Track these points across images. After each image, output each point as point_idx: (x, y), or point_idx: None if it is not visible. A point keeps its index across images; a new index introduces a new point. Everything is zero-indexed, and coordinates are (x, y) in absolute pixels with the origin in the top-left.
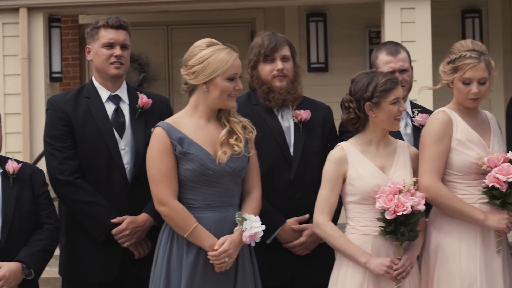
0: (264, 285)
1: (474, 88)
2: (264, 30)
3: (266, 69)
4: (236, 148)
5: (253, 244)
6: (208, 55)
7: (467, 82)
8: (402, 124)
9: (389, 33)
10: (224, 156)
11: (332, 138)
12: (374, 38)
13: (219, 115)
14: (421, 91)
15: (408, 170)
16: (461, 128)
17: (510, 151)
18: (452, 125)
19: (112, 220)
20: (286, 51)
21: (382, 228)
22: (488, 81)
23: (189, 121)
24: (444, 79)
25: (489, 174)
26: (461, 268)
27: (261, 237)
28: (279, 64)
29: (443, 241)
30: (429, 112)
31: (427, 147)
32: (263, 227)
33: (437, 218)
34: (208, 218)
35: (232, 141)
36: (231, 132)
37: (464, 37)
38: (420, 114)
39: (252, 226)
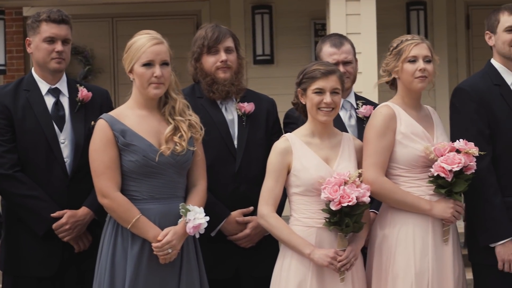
0: (209, 278)
1: (421, 64)
2: (210, 22)
3: (209, 61)
4: (178, 147)
5: (197, 236)
6: (130, 44)
7: (413, 60)
8: (346, 116)
9: (334, 25)
10: (168, 151)
11: (276, 130)
12: (319, 30)
13: (162, 110)
14: (375, 87)
15: (352, 162)
16: (405, 122)
17: (457, 141)
18: (396, 119)
19: (52, 214)
20: (229, 43)
21: (327, 219)
22: (433, 63)
23: (131, 112)
24: (390, 68)
25: (435, 163)
26: (415, 260)
27: (205, 229)
28: (222, 56)
29: (397, 235)
30: (373, 104)
31: (370, 142)
32: (207, 218)
33: (389, 211)
34: (152, 210)
35: (176, 138)
36: (176, 129)
37: (409, 29)
38: (364, 106)
39: (196, 218)
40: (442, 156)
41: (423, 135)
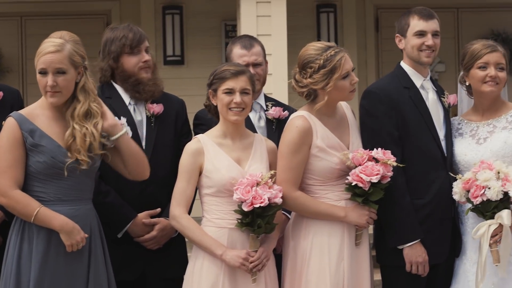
0: (116, 279)
1: (355, 77)
2: (120, 22)
3: (132, 61)
4: (79, 159)
5: None
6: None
7: (347, 75)
8: (255, 117)
9: (245, 26)
10: (74, 159)
11: (185, 131)
12: (230, 32)
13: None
14: (296, 99)
15: (264, 164)
16: (321, 135)
17: (374, 149)
18: (312, 133)
19: None
20: (148, 43)
21: (239, 220)
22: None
23: (42, 112)
24: (319, 87)
25: (353, 171)
26: (330, 264)
27: (112, 231)
28: (145, 56)
29: (312, 238)
30: (283, 105)
31: (284, 157)
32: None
33: (305, 216)
34: (59, 212)
35: (75, 146)
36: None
37: (319, 31)
38: (273, 108)
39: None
40: (360, 165)
41: (339, 147)
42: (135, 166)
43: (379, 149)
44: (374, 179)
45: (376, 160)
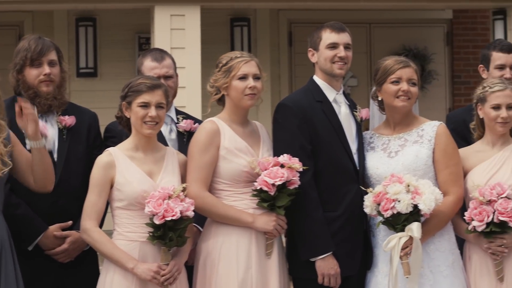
0: None
1: (251, 82)
2: (33, 33)
3: (32, 74)
4: None
5: None
6: None
7: (242, 77)
8: (166, 130)
9: (159, 39)
10: None
11: (98, 144)
12: (144, 44)
13: None
14: (209, 105)
15: (176, 177)
16: (229, 137)
17: (281, 155)
18: (220, 135)
19: None
20: (53, 56)
21: (150, 234)
22: (261, 80)
23: None
24: (219, 84)
25: (259, 177)
26: (238, 272)
27: (23, 244)
28: (46, 69)
29: (220, 247)
30: (193, 118)
31: (193, 157)
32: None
33: (213, 224)
34: None
35: None
36: None
37: (232, 45)
38: (184, 120)
39: None
40: (266, 170)
41: (247, 150)
42: (42, 177)
43: (285, 155)
44: (278, 182)
45: (282, 166)
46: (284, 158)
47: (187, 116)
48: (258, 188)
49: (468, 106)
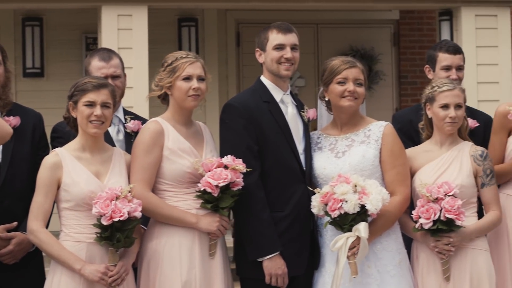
0: None
1: (195, 83)
2: None
3: None
4: None
5: None
6: None
7: (186, 78)
8: (114, 131)
9: (106, 39)
10: None
11: (43, 145)
12: (91, 44)
13: None
14: (146, 100)
15: (124, 177)
16: (173, 138)
17: (225, 157)
18: (164, 135)
19: None
20: None
21: (98, 234)
22: (206, 82)
23: None
24: (163, 84)
25: (203, 178)
26: (181, 273)
27: None
28: None
29: (163, 248)
30: (141, 119)
31: (137, 157)
32: None
33: (157, 225)
34: None
35: None
36: None
37: (180, 45)
38: (132, 121)
39: None
40: (210, 171)
41: (190, 151)
42: None
43: (229, 156)
44: (222, 183)
45: (226, 167)
46: (228, 159)
47: (135, 117)
48: (202, 189)
49: (414, 106)
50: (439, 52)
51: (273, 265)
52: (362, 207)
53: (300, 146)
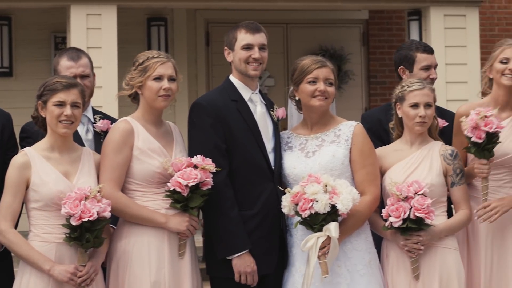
0: None
1: (166, 83)
2: None
3: None
4: None
5: None
6: None
7: (157, 78)
8: (83, 130)
9: (75, 39)
10: None
11: (12, 145)
12: (60, 44)
13: None
14: (115, 99)
15: (93, 177)
16: (143, 137)
17: (194, 156)
18: (134, 135)
19: None
20: None
21: (67, 235)
22: (177, 82)
23: None
24: (134, 83)
25: (172, 178)
26: (151, 273)
27: None
28: None
29: (132, 248)
30: (110, 118)
31: (107, 157)
32: None
33: (126, 225)
34: None
35: None
36: None
37: (149, 45)
38: (101, 121)
39: None
40: (179, 171)
41: (160, 151)
42: None
43: (199, 156)
44: (192, 183)
45: (196, 167)
46: (197, 159)
47: (104, 116)
48: (171, 189)
49: (383, 106)
50: (416, 52)
51: (242, 263)
52: (333, 207)
53: (269, 145)
